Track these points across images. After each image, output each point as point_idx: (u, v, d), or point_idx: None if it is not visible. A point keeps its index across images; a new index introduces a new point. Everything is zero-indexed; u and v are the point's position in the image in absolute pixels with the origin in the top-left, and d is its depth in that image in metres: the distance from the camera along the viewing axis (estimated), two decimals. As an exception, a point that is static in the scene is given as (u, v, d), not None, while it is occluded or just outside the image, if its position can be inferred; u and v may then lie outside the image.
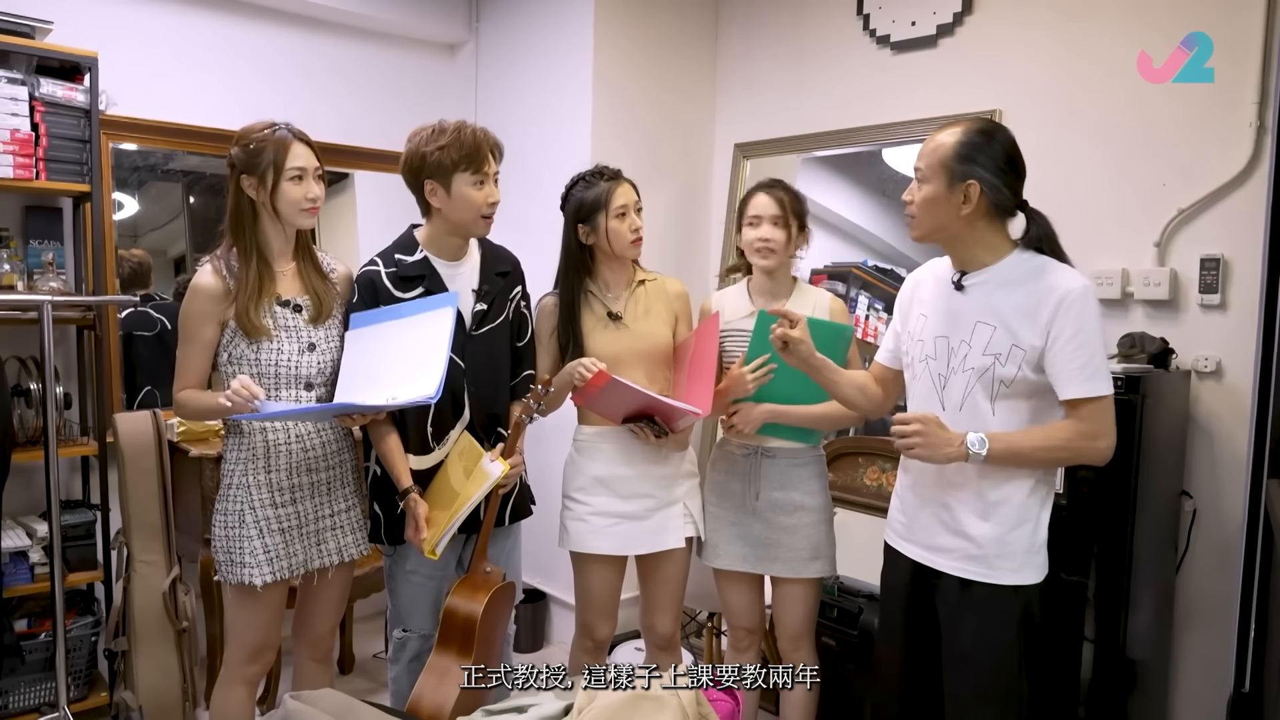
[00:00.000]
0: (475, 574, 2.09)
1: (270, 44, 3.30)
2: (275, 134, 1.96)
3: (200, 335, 1.98)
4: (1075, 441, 1.67)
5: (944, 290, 1.81)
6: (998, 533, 1.73)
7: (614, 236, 2.16)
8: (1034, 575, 1.76)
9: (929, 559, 1.82)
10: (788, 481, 2.21)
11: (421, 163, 2.03)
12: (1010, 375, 1.69)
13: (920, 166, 1.75)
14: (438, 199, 2.06)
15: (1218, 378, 2.34)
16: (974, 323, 1.74)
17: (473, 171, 2.03)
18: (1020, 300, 1.69)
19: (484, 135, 2.06)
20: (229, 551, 1.99)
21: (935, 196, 1.72)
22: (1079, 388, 1.65)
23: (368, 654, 3.33)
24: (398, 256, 2.11)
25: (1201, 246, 2.35)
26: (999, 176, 1.69)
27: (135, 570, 2.64)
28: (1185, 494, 2.37)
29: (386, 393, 1.90)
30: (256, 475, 1.98)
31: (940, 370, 1.79)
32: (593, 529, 2.22)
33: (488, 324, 2.13)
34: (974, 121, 1.75)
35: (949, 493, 1.78)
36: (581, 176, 2.22)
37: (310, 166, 1.99)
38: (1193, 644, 2.41)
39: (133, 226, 3.10)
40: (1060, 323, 1.65)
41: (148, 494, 2.67)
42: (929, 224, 1.76)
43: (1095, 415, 1.66)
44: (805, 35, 3.25)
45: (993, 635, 1.75)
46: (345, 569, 2.14)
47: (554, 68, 3.37)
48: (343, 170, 3.49)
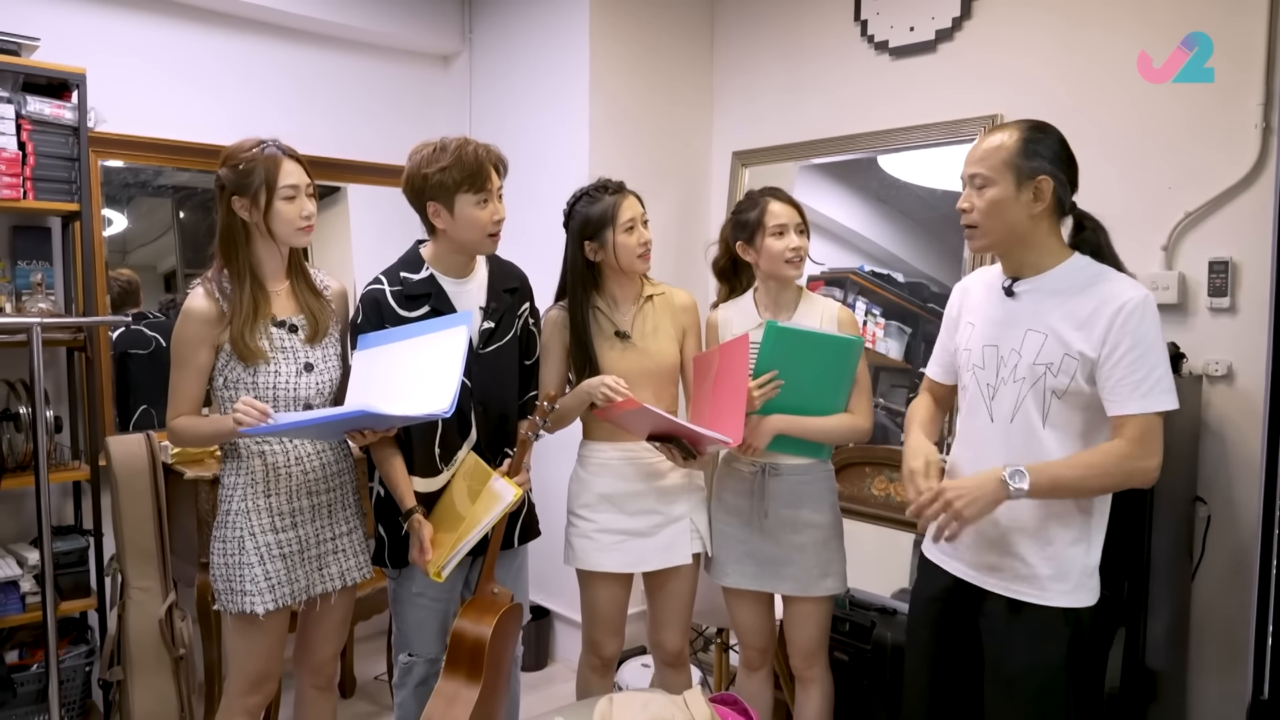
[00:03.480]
0: (483, 595, 2.05)
1: (260, 57, 3.26)
2: (265, 152, 1.91)
3: (194, 360, 1.92)
4: (1125, 464, 1.59)
5: (994, 297, 1.76)
6: (1051, 552, 1.68)
7: (622, 251, 2.12)
8: (1088, 598, 1.69)
9: (976, 578, 1.76)
10: (796, 499, 2.17)
11: (423, 184, 1.99)
12: (1063, 386, 1.64)
13: (981, 172, 1.68)
14: (441, 220, 2.01)
15: (1229, 381, 2.32)
16: (1024, 330, 1.68)
17: (475, 191, 1.98)
18: (1075, 308, 1.63)
19: (486, 152, 2.01)
20: (229, 579, 1.93)
21: (1004, 198, 1.65)
22: (1136, 404, 1.58)
23: (369, 676, 3.27)
24: (403, 275, 2.06)
25: (1210, 249, 2.33)
26: (1063, 170, 1.66)
27: (130, 597, 2.58)
28: (1199, 500, 2.34)
29: (398, 409, 1.86)
30: (256, 500, 1.94)
31: (989, 380, 1.74)
32: (600, 546, 2.18)
33: (495, 342, 2.09)
34: (1024, 121, 1.70)
35: (998, 510, 1.68)
36: (585, 191, 2.18)
37: (303, 183, 1.94)
38: (1210, 652, 2.38)
39: (122, 243, 3.05)
40: (1118, 334, 1.58)
41: (142, 518, 2.61)
42: (999, 228, 1.68)
43: (1147, 434, 1.58)
44: (802, 42, 3.22)
45: (1042, 661, 1.68)
46: (348, 593, 2.09)
47: (549, 77, 3.34)
48: (335, 184, 3.45)
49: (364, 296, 2.05)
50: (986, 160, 1.67)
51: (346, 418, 1.86)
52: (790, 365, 2.04)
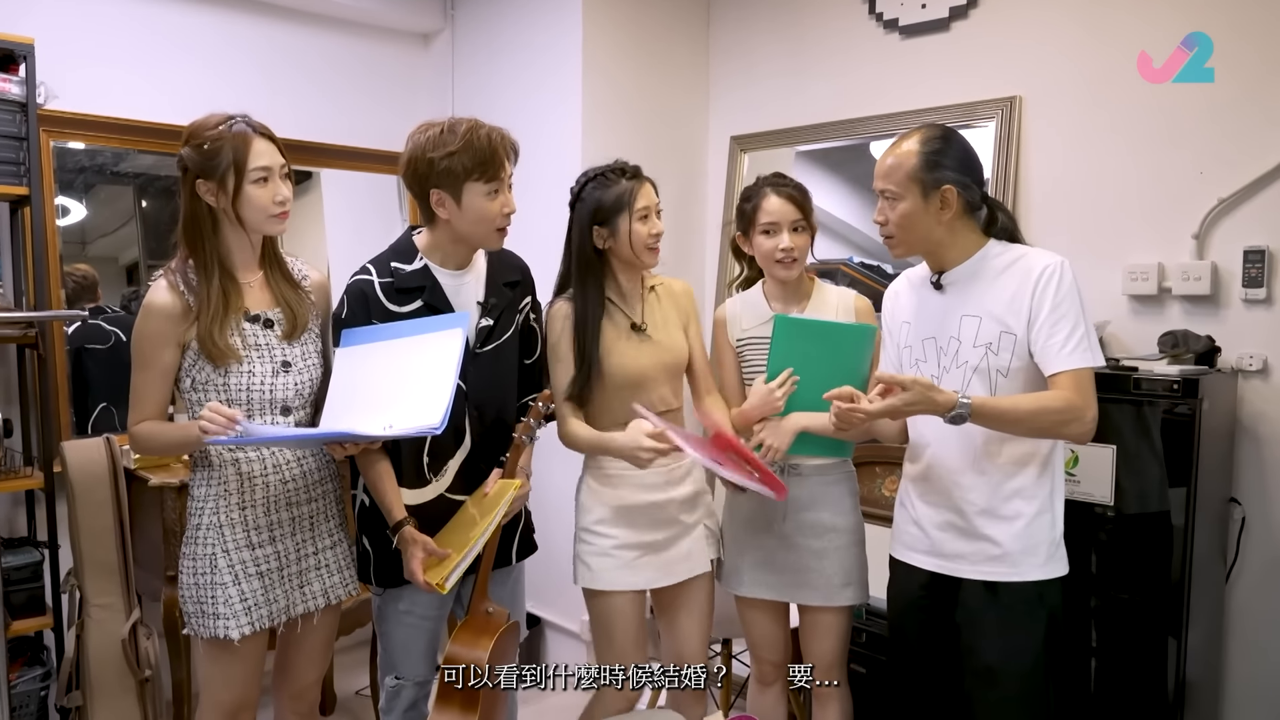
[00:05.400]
0: (476, 615, 1.88)
1: (228, 32, 3.06)
2: (233, 129, 1.71)
3: (158, 360, 1.74)
4: (1063, 412, 1.62)
5: (924, 293, 1.82)
6: (1019, 527, 1.70)
7: (635, 240, 1.96)
8: (1059, 569, 1.73)
9: (947, 567, 1.77)
10: (817, 501, 2.04)
11: (429, 169, 1.79)
12: (1005, 364, 1.69)
13: (889, 186, 1.74)
14: (445, 209, 1.83)
15: (1264, 377, 2.21)
16: (959, 317, 1.74)
17: (487, 180, 1.80)
18: (1001, 287, 1.70)
19: (500, 138, 1.82)
20: (199, 601, 1.75)
21: (913, 210, 1.72)
22: (1062, 361, 1.63)
23: (350, 691, 3.09)
24: (394, 265, 1.87)
25: (1244, 238, 2.22)
26: (966, 174, 1.72)
27: (89, 615, 2.39)
28: (1234, 501, 2.23)
29: (383, 420, 1.68)
30: (229, 513, 1.76)
31: (933, 371, 1.77)
32: (620, 563, 2.01)
33: (494, 341, 1.91)
34: (925, 129, 1.75)
35: (959, 495, 1.75)
36: (598, 173, 2.00)
37: (276, 165, 1.75)
38: (1243, 659, 2.28)
39: (80, 233, 2.87)
40: (1039, 300, 1.66)
41: (102, 529, 2.42)
42: (912, 239, 1.76)
43: (1080, 386, 1.63)
44: (805, 20, 3.07)
45: (1019, 645, 1.71)
46: (332, 612, 1.92)
47: (539, 57, 3.16)
48: (308, 169, 3.26)
49: (350, 288, 1.86)
50: (891, 176, 1.73)
51: (324, 437, 1.69)
52: (803, 359, 1.94)
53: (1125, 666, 2.09)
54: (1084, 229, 2.45)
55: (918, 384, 1.60)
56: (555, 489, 2.14)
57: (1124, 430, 2.06)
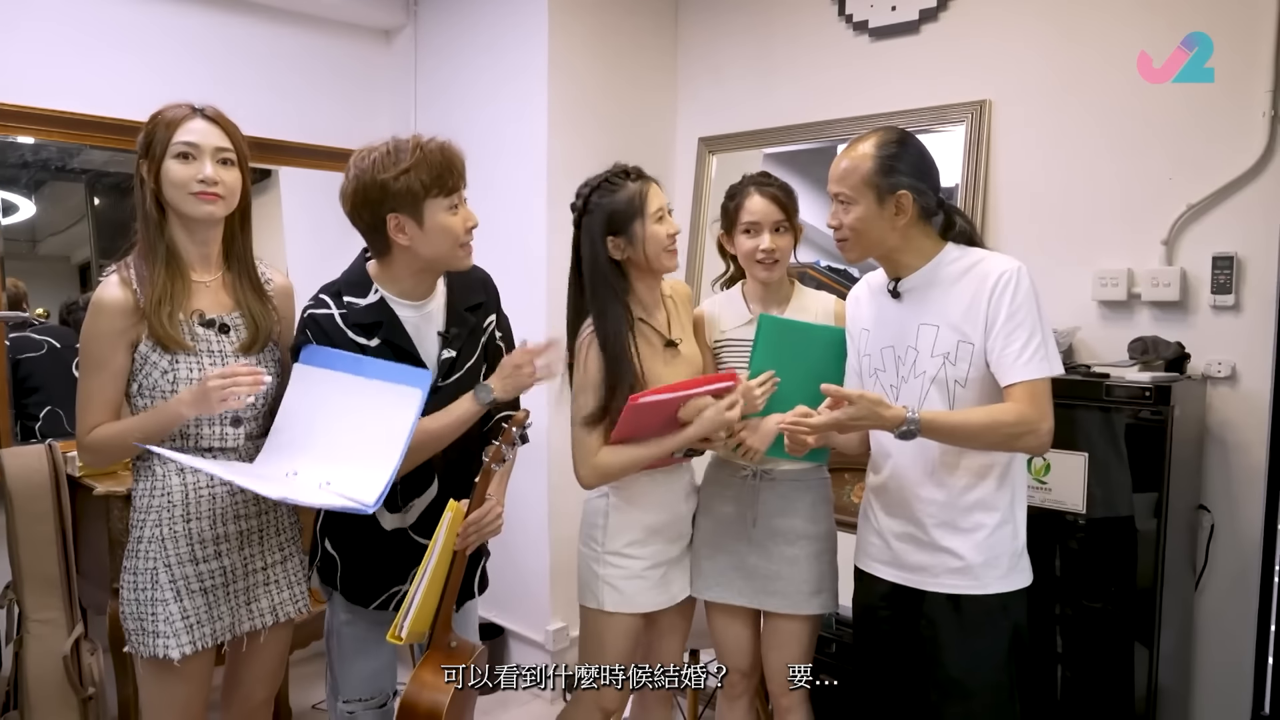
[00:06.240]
0: (439, 649, 1.74)
1: (185, 26, 2.96)
2: (178, 109, 1.67)
3: (111, 361, 1.63)
4: (1016, 425, 1.58)
5: (881, 300, 1.79)
6: (979, 538, 1.67)
7: (651, 244, 1.84)
8: (1022, 579, 1.71)
9: (910, 579, 1.75)
10: (789, 507, 1.99)
11: (382, 194, 1.66)
12: (963, 374, 1.65)
13: (843, 190, 1.70)
14: (406, 234, 1.69)
15: (1232, 383, 2.20)
16: (916, 326, 1.70)
17: (446, 194, 1.68)
18: (958, 295, 1.67)
19: (452, 149, 1.72)
20: (139, 618, 1.66)
21: (867, 215, 1.68)
22: (1018, 372, 1.59)
23: (306, 705, 3.00)
24: (348, 299, 1.74)
25: (1213, 244, 2.21)
26: (922, 179, 1.68)
27: (29, 631, 2.29)
28: (1203, 508, 2.23)
29: (323, 471, 1.60)
30: (173, 525, 1.66)
31: (891, 381, 1.74)
32: (649, 584, 1.94)
33: (457, 371, 1.79)
34: (881, 132, 1.72)
35: (918, 507, 1.72)
36: (601, 180, 1.88)
37: (207, 144, 1.64)
38: (1211, 665, 2.28)
39: (30, 231, 2.77)
40: (995, 308, 1.62)
41: (43, 541, 2.32)
42: (865, 244, 1.72)
43: (1035, 397, 1.58)
44: (774, 22, 3.04)
45: (983, 657, 1.69)
46: (282, 629, 1.82)
47: (504, 55, 3.10)
48: (265, 167, 3.18)
49: (311, 322, 1.73)
50: (846, 180, 1.69)
51: (259, 494, 1.61)
52: (785, 360, 1.90)
53: (1093, 675, 2.07)
54: (1054, 234, 2.44)
55: (864, 399, 1.57)
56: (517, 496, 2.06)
57: (1095, 437, 2.04)
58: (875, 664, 1.85)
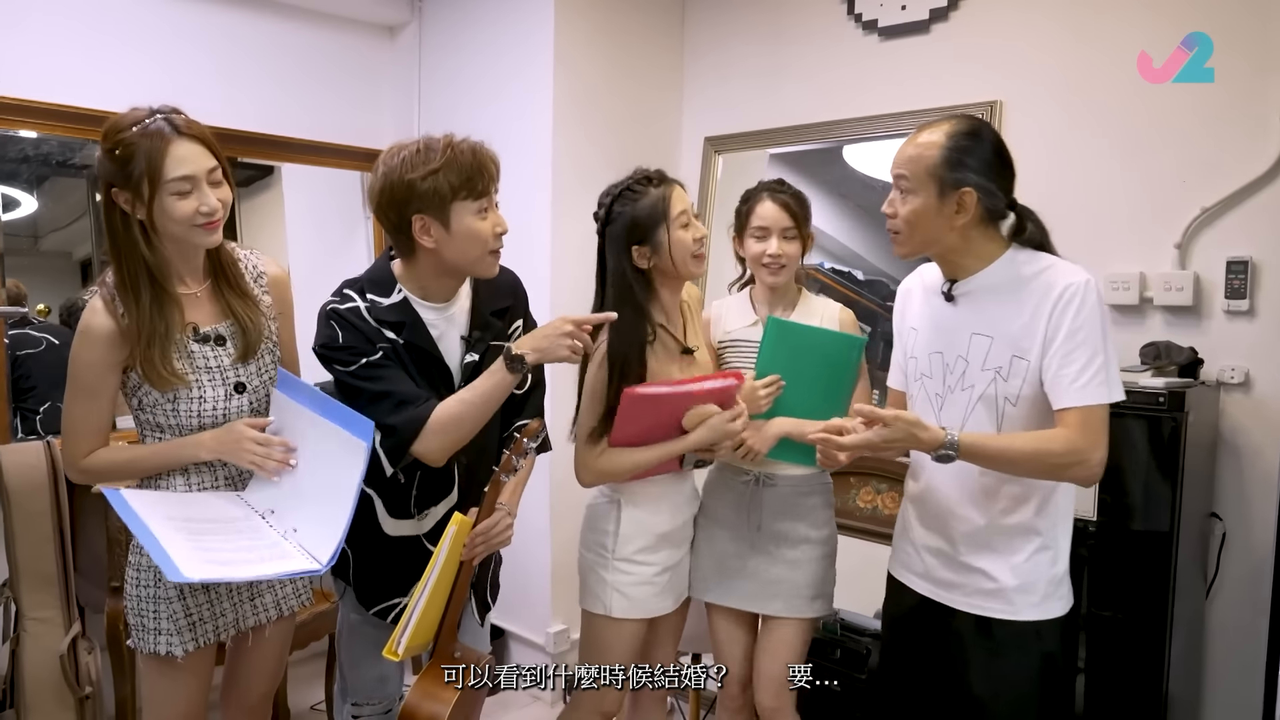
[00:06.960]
0: (444, 658, 1.70)
1: (188, 21, 2.93)
2: (149, 129, 1.51)
3: (103, 388, 1.59)
4: (1064, 455, 1.47)
5: (934, 300, 1.67)
6: (1015, 563, 1.58)
7: (678, 250, 1.81)
8: (1058, 608, 1.61)
9: (940, 595, 1.68)
10: (792, 511, 1.98)
11: (408, 193, 1.61)
12: (1015, 392, 1.54)
13: (905, 175, 1.56)
14: (431, 236, 1.64)
15: (1246, 390, 2.18)
16: (969, 335, 1.59)
17: (475, 197, 1.63)
18: (1018, 304, 1.54)
19: (484, 151, 1.66)
20: (141, 614, 1.64)
21: (925, 209, 1.55)
22: (1072, 397, 1.48)
23: (305, 706, 2.97)
24: (371, 297, 1.70)
25: (1227, 248, 2.18)
26: (992, 179, 1.55)
27: (26, 629, 2.26)
28: (1214, 516, 2.20)
29: (296, 514, 1.59)
30: (176, 524, 1.64)
31: (936, 390, 1.64)
32: (657, 590, 1.92)
33: None
34: (957, 120, 1.58)
35: (954, 525, 1.63)
36: (623, 187, 1.84)
37: (201, 171, 1.54)
38: (1221, 675, 2.25)
39: (31, 227, 2.75)
40: (1056, 323, 1.49)
41: (40, 538, 2.29)
42: (919, 239, 1.59)
43: (1089, 426, 1.47)
44: (782, 20, 3.01)
45: (1012, 681, 1.61)
46: (284, 623, 1.80)
47: (509, 52, 3.07)
48: (268, 163, 3.15)
49: (334, 316, 1.67)
50: (912, 164, 1.56)
51: (209, 581, 1.58)
52: (792, 364, 1.89)
53: (1104, 683, 2.04)
54: (1065, 236, 2.34)
55: (900, 419, 1.48)
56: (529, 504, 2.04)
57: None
58: (901, 673, 1.79)
